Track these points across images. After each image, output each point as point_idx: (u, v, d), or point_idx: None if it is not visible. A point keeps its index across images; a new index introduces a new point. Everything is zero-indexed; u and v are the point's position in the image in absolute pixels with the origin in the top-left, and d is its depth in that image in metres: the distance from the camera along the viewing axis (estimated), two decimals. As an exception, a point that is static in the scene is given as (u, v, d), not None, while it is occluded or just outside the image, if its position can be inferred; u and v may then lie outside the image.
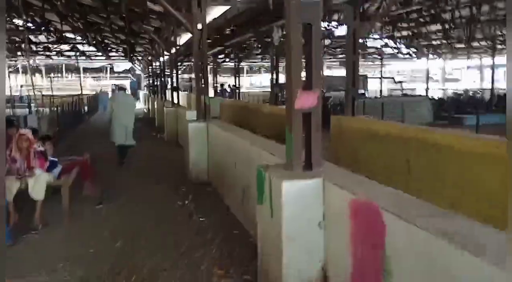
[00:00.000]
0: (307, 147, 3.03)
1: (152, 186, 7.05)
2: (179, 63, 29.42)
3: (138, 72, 44.44)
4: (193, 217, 5.47)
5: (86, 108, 20.02)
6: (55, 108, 12.16)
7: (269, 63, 36.53)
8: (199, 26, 7.93)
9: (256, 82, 51.08)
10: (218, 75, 28.00)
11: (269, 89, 24.93)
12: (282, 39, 11.85)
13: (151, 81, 32.59)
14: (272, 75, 12.85)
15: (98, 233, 4.82)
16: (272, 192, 2.94)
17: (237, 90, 20.25)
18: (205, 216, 5.45)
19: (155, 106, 18.17)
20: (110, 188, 6.71)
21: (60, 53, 28.28)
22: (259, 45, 18.85)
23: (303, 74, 3.02)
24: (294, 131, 2.97)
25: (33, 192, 4.86)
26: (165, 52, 19.74)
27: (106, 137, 9.88)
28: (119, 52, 28.83)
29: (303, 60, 3.02)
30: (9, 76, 31.88)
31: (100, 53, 30.30)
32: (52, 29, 19.15)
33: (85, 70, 47.73)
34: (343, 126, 7.63)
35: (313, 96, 2.97)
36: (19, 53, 27.61)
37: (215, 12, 9.80)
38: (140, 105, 30.04)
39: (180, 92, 27.64)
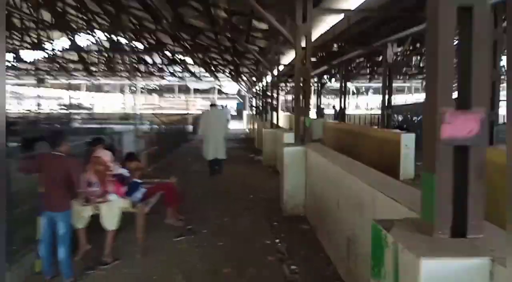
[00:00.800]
0: (460, 200, 1.89)
1: (241, 216, 6.25)
2: (283, 84, 29.17)
3: (243, 93, 45.49)
4: (284, 263, 4.51)
5: (191, 127, 20.33)
6: (157, 127, 12.19)
7: (378, 84, 34.51)
8: (303, 42, 7.12)
9: (361, 105, 48.90)
10: (322, 97, 27.00)
11: (378, 113, 23.13)
12: (396, 56, 10.53)
13: (254, 102, 32.86)
14: (383, 96, 11.46)
15: (172, 274, 4.10)
16: (400, 270, 1.85)
17: (343, 112, 18.91)
18: (298, 263, 4.45)
19: (255, 127, 17.79)
20: (194, 217, 6.07)
21: (173, 74, 30.03)
22: (368, 64, 17.47)
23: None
24: (439, 175, 1.86)
25: (104, 220, 4.33)
26: (269, 72, 19.48)
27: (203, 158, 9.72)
28: (226, 73, 29.56)
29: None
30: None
31: (208, 74, 31.54)
32: (165, 51, 20.22)
33: (196, 91, 50.43)
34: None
35: (473, 119, 1.84)
36: (138, 74, 30.00)
37: (322, 27, 8.92)
38: (243, 125, 30.31)
39: (283, 113, 27.26)
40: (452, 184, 1.88)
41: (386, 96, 11.19)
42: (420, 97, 35.40)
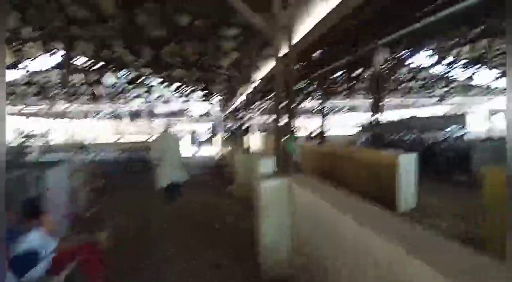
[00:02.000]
0: None
1: (203, 280, 4.40)
2: (259, 102, 27.51)
3: (216, 115, 43.63)
4: None
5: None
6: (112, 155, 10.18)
7: (353, 103, 33.29)
8: (285, 46, 5.45)
9: (337, 124, 47.67)
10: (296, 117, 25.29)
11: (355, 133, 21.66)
12: (388, 61, 9.08)
13: (227, 124, 31.05)
14: (373, 112, 9.86)
15: None
16: None
17: (322, 134, 17.21)
18: None
19: (227, 152, 15.98)
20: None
21: (137, 97, 27.93)
22: (349, 79, 16.08)
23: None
24: None
25: None
26: (243, 89, 17.76)
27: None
28: (195, 93, 27.71)
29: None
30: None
31: (177, 96, 29.56)
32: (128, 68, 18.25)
33: (165, 115, 48.23)
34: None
35: None
36: (101, 97, 27.79)
37: (304, 27, 7.34)
38: (215, 150, 28.44)
39: (260, 134, 25.52)
40: None
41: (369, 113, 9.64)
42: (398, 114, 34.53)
